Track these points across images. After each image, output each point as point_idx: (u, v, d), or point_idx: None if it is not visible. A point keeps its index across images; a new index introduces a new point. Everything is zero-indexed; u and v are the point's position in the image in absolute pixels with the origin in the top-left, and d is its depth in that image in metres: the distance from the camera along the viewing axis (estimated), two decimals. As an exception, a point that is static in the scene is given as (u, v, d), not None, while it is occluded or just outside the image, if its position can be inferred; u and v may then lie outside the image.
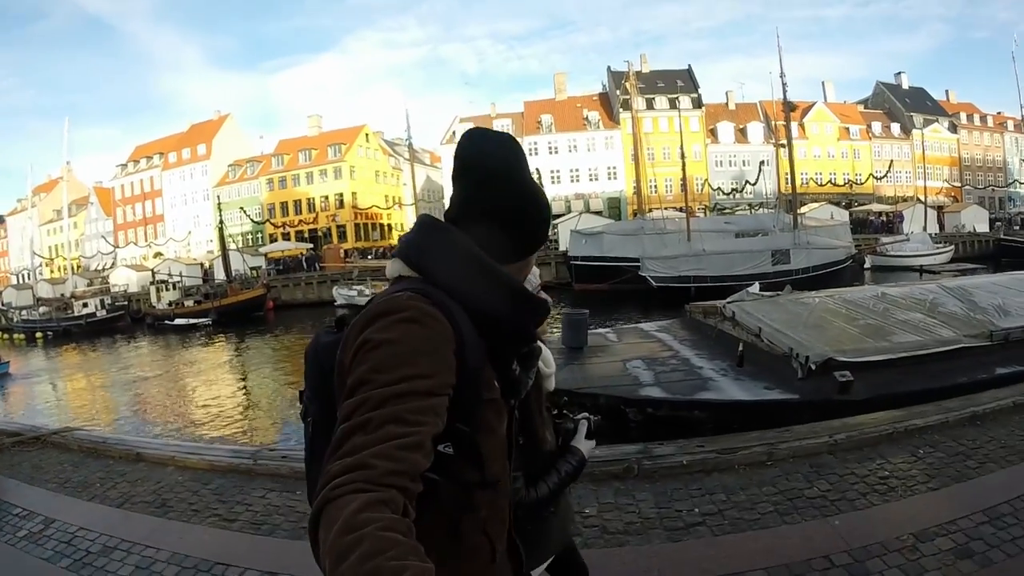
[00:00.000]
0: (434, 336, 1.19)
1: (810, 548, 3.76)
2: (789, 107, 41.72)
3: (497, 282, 1.33)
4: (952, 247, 42.08)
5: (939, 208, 56.66)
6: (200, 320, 37.64)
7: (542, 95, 67.74)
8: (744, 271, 30.37)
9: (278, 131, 75.79)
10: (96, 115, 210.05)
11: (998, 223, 55.67)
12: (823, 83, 71.71)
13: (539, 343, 1.76)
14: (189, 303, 41.19)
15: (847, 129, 66.32)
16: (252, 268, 46.90)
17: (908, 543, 3.75)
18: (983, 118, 73.44)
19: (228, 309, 37.69)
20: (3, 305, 51.35)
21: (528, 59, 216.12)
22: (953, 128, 69.95)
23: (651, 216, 43.73)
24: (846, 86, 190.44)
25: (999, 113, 73.34)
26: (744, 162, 60.67)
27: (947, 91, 75.16)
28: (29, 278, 63.21)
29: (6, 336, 43.80)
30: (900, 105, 69.23)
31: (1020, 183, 65.34)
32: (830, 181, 63.55)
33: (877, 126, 67.89)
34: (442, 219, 1.43)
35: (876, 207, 57.63)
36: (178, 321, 38.21)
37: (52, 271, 65.60)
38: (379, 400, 1.08)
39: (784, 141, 46.13)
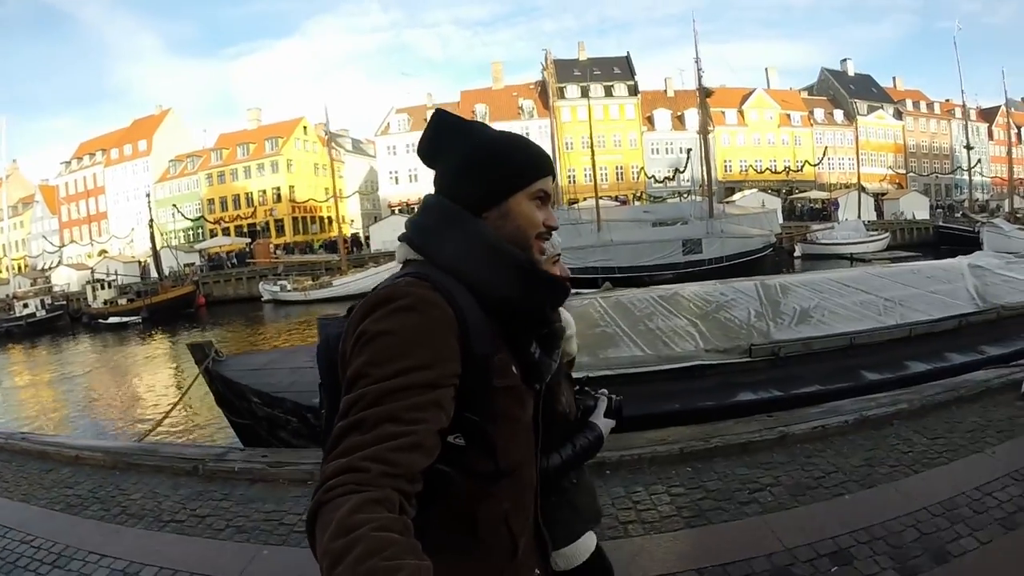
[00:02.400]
0: (433, 324, 1.18)
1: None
2: (704, 93, 44.12)
3: (505, 261, 1.32)
4: (888, 235, 43.46)
5: (879, 195, 59.11)
6: (131, 318, 40.21)
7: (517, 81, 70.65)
8: (653, 261, 32.43)
9: (237, 120, 79.28)
10: (51, 106, 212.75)
11: (939, 210, 57.89)
12: (766, 69, 74.52)
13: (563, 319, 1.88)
14: (123, 301, 43.61)
15: (788, 115, 68.76)
16: (186, 265, 49.73)
17: None
18: (930, 105, 76.10)
19: (159, 306, 40.46)
20: (-52, 308, 55.21)
21: (493, 46, 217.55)
22: (898, 115, 72.62)
23: (579, 206, 45.94)
24: (797, 74, 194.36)
25: (947, 100, 75.38)
26: (681, 149, 60.94)
27: (894, 78, 77.98)
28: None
29: (-51, 338, 46.41)
30: (844, 92, 72.02)
31: (963, 170, 64.79)
32: (769, 168, 66.01)
33: (820, 113, 70.56)
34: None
35: (815, 194, 59.96)
36: (111, 320, 40.71)
37: (7, 271, 68.85)
38: (375, 396, 1.09)
39: (709, 129, 49.80)
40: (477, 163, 1.38)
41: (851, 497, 4.38)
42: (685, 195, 54.79)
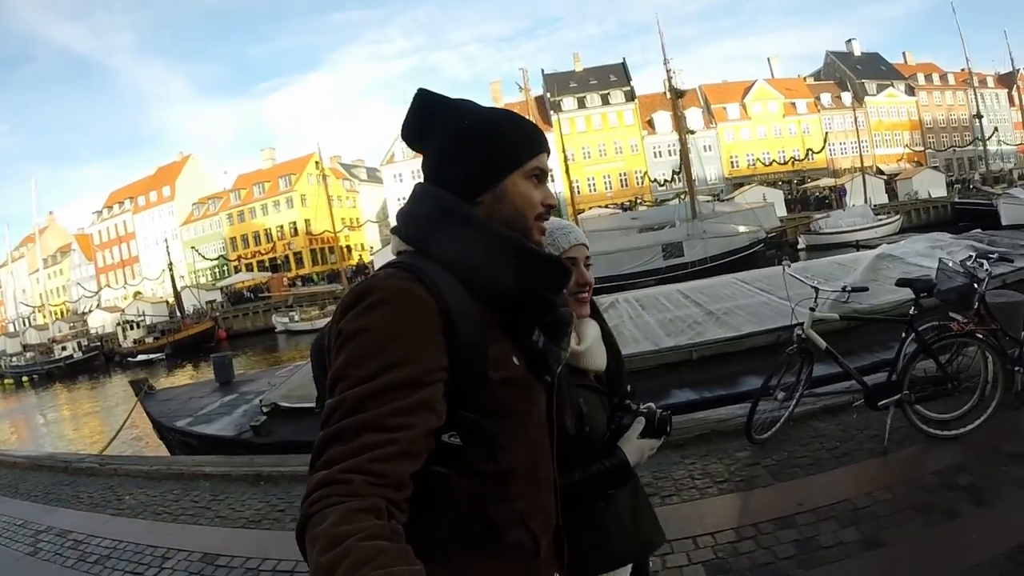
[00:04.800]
0: (411, 316, 1.16)
1: None
2: (676, 94, 45.93)
3: (502, 249, 1.29)
4: (898, 217, 43.28)
5: (892, 176, 59.98)
6: (156, 355, 45.89)
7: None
8: (633, 268, 33.16)
9: (281, 152, 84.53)
10: (88, 155, 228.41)
11: (957, 185, 57.35)
12: (768, 59, 76.25)
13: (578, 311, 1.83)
14: (150, 340, 49.59)
15: (793, 104, 71.08)
16: (207, 302, 55.87)
17: None
18: (943, 77, 76.78)
19: (181, 343, 46.03)
20: (-2, 353, 63.16)
21: (517, 60, 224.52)
22: (911, 91, 73.18)
23: (584, 215, 49.36)
24: (807, 58, 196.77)
25: (962, 70, 71.21)
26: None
27: (904, 53, 78.39)
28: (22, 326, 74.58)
29: (-2, 381, 53.45)
30: (851, 73, 73.11)
31: (979, 140, 61.03)
32: (775, 160, 67.44)
33: (826, 97, 71.84)
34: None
35: (825, 182, 61.34)
36: (140, 357, 46.66)
37: (44, 316, 74.51)
38: (354, 402, 1.08)
39: (692, 130, 52.69)
40: (467, 143, 1.35)
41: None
42: (683, 196, 54.29)
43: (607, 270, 32.08)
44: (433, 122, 1.39)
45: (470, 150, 1.35)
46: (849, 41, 78.49)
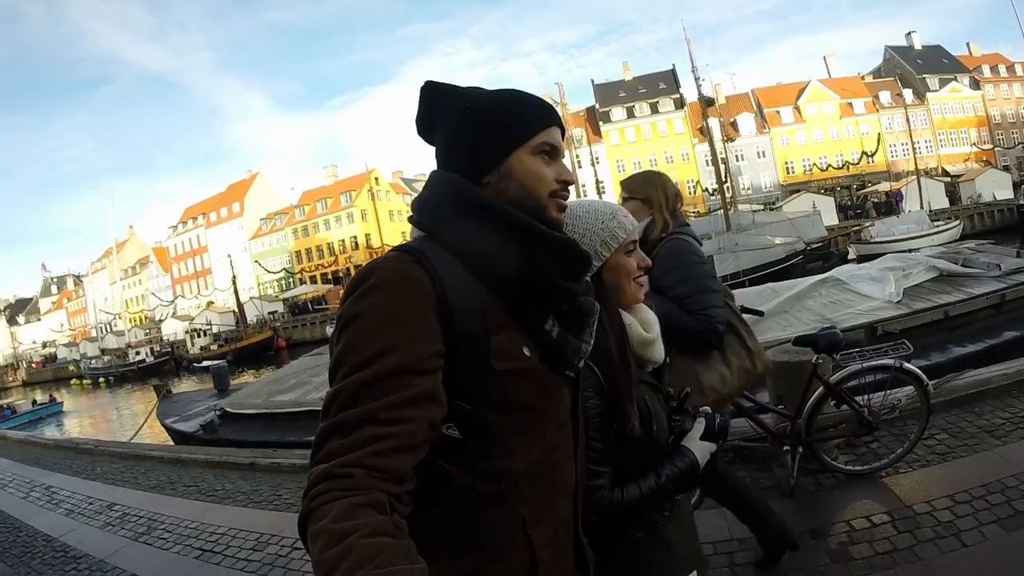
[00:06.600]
0: (406, 299, 1.16)
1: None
2: (706, 102, 47.80)
3: (497, 222, 1.29)
4: (958, 223, 40.40)
5: (955, 178, 57.36)
6: (218, 362, 49.44)
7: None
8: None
9: (347, 167, 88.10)
10: (170, 167, 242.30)
11: (1023, 186, 52.59)
12: (824, 58, 74.71)
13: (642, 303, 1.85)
14: (215, 347, 55.07)
15: (850, 104, 69.34)
16: (269, 313, 60.75)
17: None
18: (1010, 68, 72.15)
19: (243, 351, 50.60)
20: (80, 356, 70.35)
21: (588, 67, 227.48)
22: (975, 84, 70.34)
23: None
24: (865, 55, 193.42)
25: None
26: (738, 156, 64.52)
27: (968, 44, 75.33)
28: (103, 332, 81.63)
29: (77, 381, 60.39)
30: (911, 68, 70.72)
31: None
32: (831, 165, 66.80)
33: (886, 96, 69.03)
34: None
35: (884, 186, 58.99)
36: (205, 363, 49.14)
37: (123, 323, 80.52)
38: (353, 392, 1.10)
39: (727, 137, 54.50)
40: (469, 124, 1.36)
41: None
42: (729, 206, 53.49)
43: (629, 287, 33.58)
44: (440, 111, 1.40)
45: (472, 130, 1.35)
46: (909, 34, 76.65)
